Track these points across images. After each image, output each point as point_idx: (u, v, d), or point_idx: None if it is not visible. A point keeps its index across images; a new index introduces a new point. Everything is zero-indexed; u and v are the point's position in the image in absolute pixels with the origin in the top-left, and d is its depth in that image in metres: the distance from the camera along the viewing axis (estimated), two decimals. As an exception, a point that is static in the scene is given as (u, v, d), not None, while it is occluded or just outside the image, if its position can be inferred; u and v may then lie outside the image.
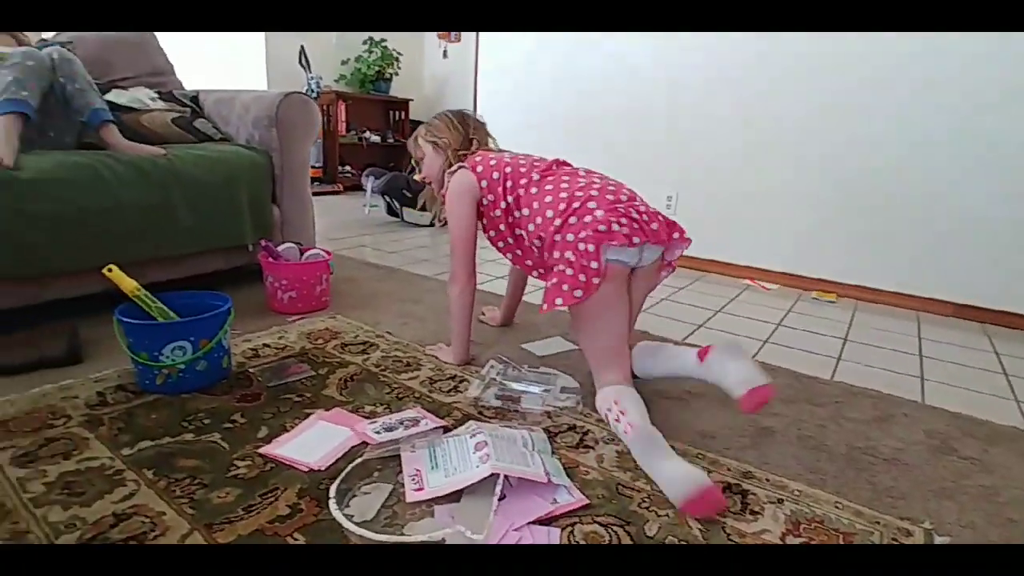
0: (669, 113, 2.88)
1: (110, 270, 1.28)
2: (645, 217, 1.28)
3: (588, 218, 1.25)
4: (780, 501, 1.01)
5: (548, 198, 1.34)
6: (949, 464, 1.19)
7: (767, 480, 1.07)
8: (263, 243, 1.87)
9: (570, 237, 1.25)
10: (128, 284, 1.28)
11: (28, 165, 1.45)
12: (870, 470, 1.14)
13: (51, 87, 1.61)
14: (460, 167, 1.47)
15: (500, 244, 1.50)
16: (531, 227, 1.36)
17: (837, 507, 1.00)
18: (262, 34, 4.47)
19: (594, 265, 1.22)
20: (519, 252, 1.47)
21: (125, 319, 1.22)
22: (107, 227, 1.56)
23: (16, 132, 1.48)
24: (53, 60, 1.60)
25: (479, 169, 1.44)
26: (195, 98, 2.20)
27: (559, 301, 1.23)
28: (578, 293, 1.22)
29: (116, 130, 1.71)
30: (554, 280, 1.26)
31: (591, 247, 1.22)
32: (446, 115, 1.57)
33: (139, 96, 1.99)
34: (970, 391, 1.60)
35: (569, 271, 1.23)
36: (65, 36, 2.05)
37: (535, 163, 1.45)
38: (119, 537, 0.82)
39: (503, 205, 1.41)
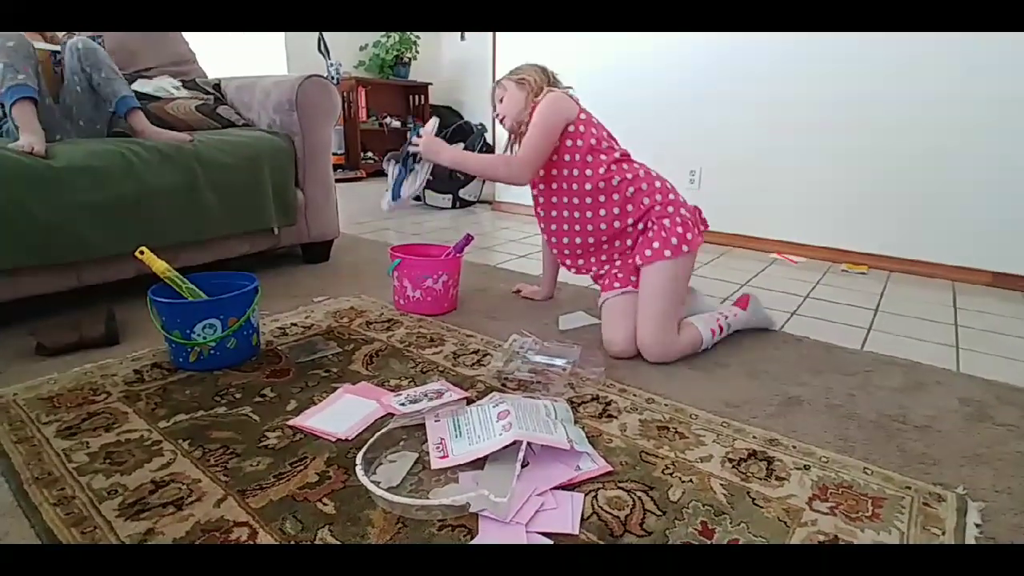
0: (690, 98, 2.83)
1: (142, 252, 1.31)
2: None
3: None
4: (807, 467, 1.00)
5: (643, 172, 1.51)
6: (984, 431, 1.16)
7: (793, 447, 1.06)
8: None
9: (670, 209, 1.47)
10: (159, 265, 1.32)
11: (60, 154, 1.50)
12: (901, 437, 1.12)
13: (77, 74, 1.64)
14: (562, 90, 1.54)
15: (573, 186, 1.51)
16: (631, 191, 1.48)
17: (866, 472, 0.99)
18: (282, 22, 4.50)
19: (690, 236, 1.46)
20: (583, 199, 1.51)
21: (158, 299, 1.26)
22: (137, 212, 1.61)
23: (33, 117, 1.49)
24: (78, 51, 1.64)
25: (581, 105, 1.52)
26: (217, 85, 2.24)
27: (690, 236, 1.43)
28: (690, 236, 1.44)
29: (144, 116, 1.75)
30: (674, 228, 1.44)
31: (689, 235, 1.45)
32: (532, 64, 1.65)
33: (163, 85, 2.03)
34: (1008, 359, 1.55)
35: (680, 229, 1.43)
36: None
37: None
38: (158, 502, 0.86)
39: (616, 154, 1.51)
